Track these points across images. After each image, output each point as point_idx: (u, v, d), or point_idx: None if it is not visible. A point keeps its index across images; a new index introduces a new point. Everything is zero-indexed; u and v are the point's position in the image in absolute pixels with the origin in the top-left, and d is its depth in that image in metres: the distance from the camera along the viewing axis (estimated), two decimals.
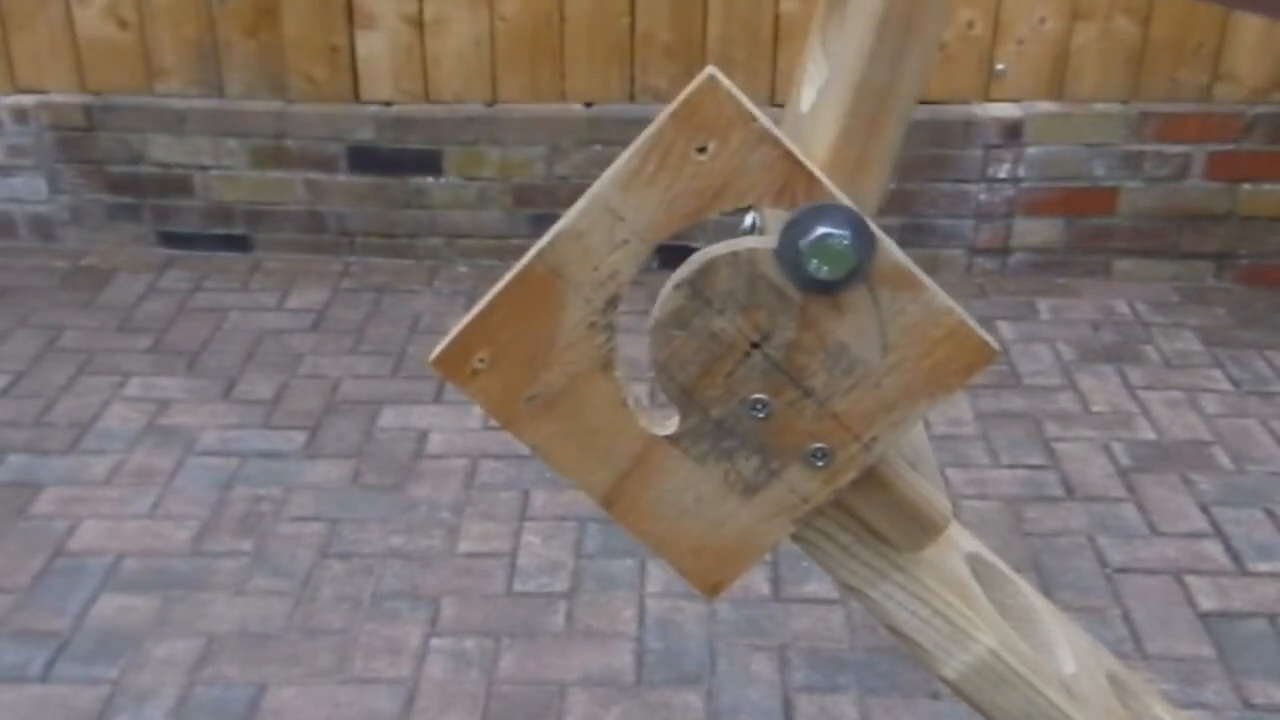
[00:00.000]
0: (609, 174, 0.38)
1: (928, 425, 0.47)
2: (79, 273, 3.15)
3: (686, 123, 0.37)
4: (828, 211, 0.39)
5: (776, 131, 0.37)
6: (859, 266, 0.38)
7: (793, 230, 0.39)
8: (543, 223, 3.02)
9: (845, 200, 0.38)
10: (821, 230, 0.38)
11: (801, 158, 0.37)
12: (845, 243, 0.38)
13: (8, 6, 3.07)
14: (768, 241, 0.38)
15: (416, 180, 3.13)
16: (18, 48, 3.11)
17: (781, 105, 3.09)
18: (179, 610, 2.07)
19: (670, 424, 0.40)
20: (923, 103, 3.04)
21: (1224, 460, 2.46)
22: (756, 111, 0.37)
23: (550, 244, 0.39)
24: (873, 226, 0.39)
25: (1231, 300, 3.06)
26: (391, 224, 3.19)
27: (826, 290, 0.38)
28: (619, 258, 0.39)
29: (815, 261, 0.38)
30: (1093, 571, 2.16)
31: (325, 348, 2.84)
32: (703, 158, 0.37)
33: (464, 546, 2.22)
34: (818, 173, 0.38)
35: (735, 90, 0.37)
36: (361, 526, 2.27)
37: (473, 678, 1.94)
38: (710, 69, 0.37)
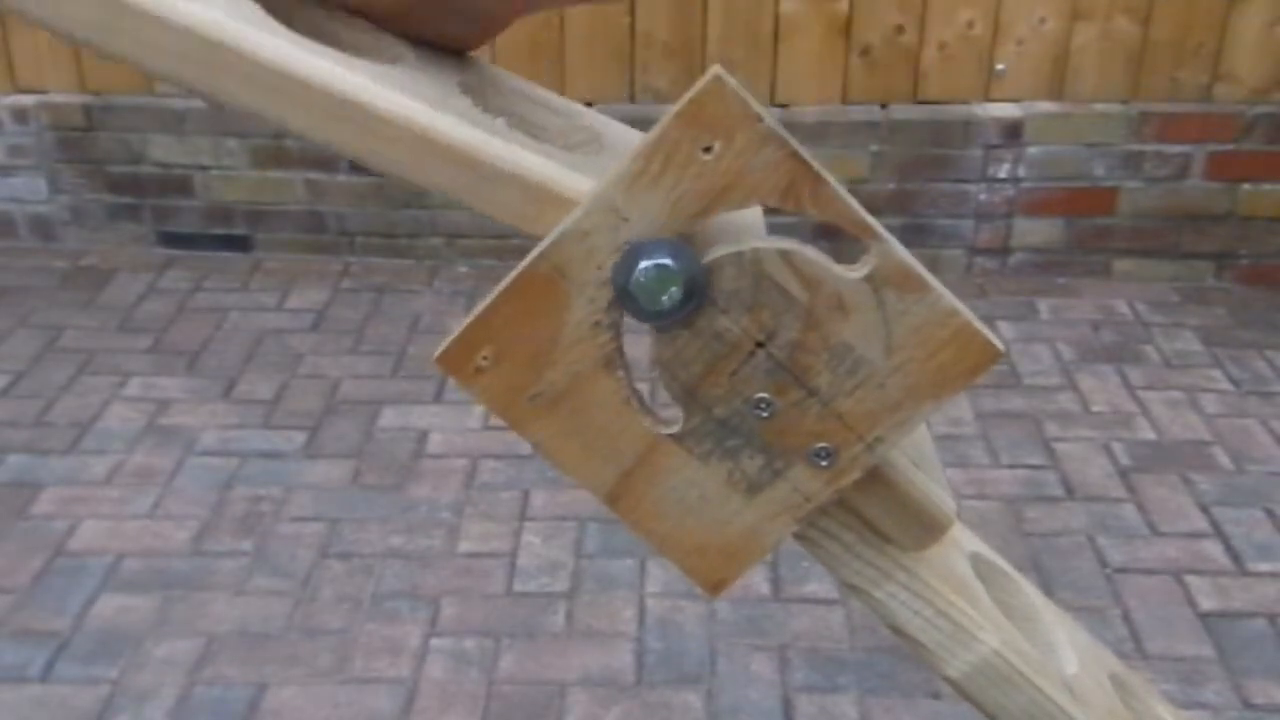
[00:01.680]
0: (613, 174, 0.38)
1: (929, 425, 0.47)
2: (79, 273, 3.15)
3: (692, 122, 0.37)
4: (624, 261, 0.39)
5: (783, 131, 0.37)
6: (687, 269, 0.38)
7: (625, 301, 0.39)
8: None
9: (844, 194, 0.38)
10: (632, 278, 0.38)
11: (807, 157, 0.37)
12: (654, 266, 0.38)
13: None
14: (774, 241, 0.38)
15: None
16: (18, 48, 3.11)
17: (784, 105, 3.09)
18: (179, 610, 2.07)
19: (674, 423, 0.40)
20: (922, 103, 3.05)
21: (1224, 460, 2.46)
22: (763, 111, 0.37)
23: (554, 244, 0.39)
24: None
25: (1231, 300, 3.06)
26: (391, 224, 3.19)
27: (701, 303, 0.38)
28: None
29: (664, 297, 0.38)
30: (1093, 571, 2.16)
31: (325, 348, 2.84)
32: (708, 157, 0.37)
33: (464, 546, 2.22)
34: (824, 173, 0.38)
35: (742, 90, 0.37)
36: (361, 526, 2.27)
37: (473, 678, 1.94)
38: (716, 68, 0.37)
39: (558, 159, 0.41)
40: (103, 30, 0.40)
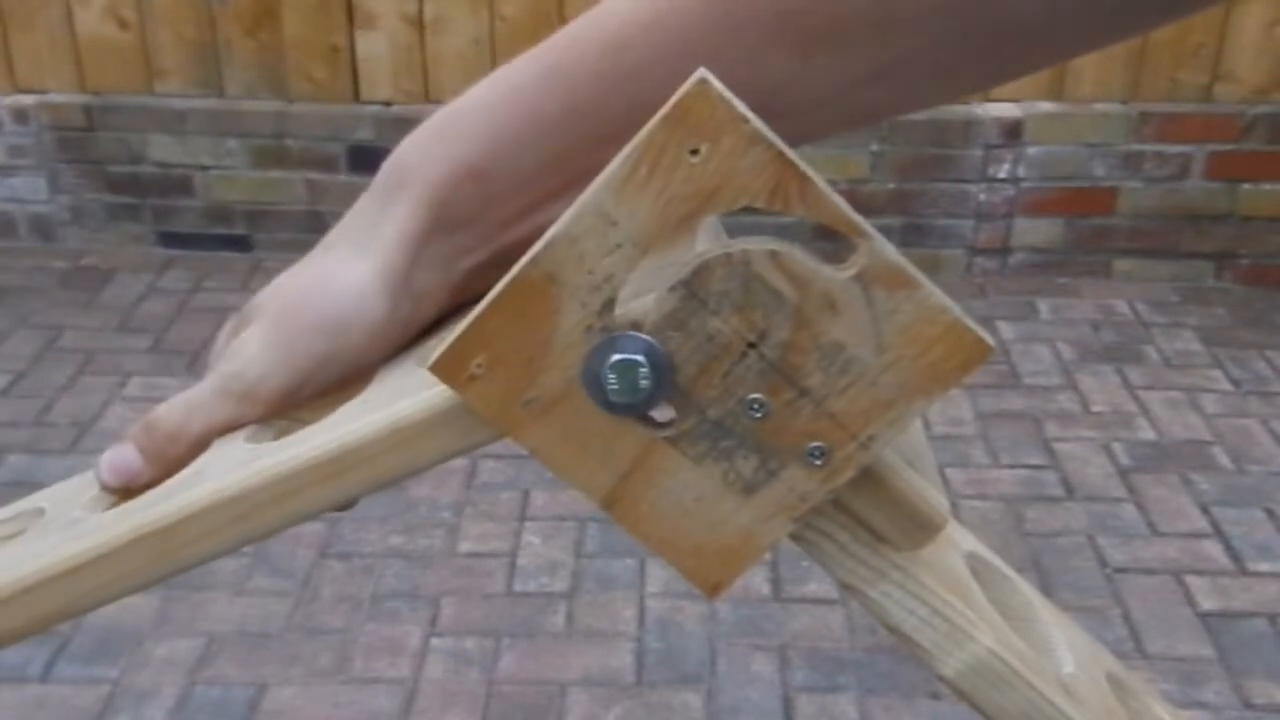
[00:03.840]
0: (602, 178, 0.38)
1: (927, 425, 0.47)
2: (79, 273, 3.15)
3: (678, 126, 0.37)
4: (588, 380, 0.39)
5: (769, 133, 0.37)
6: (642, 349, 0.39)
7: (620, 411, 0.40)
8: None
9: (831, 193, 0.38)
10: (608, 389, 0.39)
11: (794, 158, 0.37)
12: (614, 366, 0.39)
13: (8, 6, 3.07)
14: (763, 242, 0.38)
15: None
16: (18, 48, 3.12)
17: None
18: (179, 610, 2.07)
19: (668, 425, 0.40)
20: None
21: (1224, 460, 2.46)
22: (749, 113, 0.37)
23: (545, 249, 0.39)
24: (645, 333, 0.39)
25: (1231, 300, 3.06)
26: None
27: (674, 374, 0.39)
28: (613, 262, 0.39)
29: (642, 383, 0.39)
30: (1093, 571, 2.17)
31: None
32: (695, 160, 0.37)
33: (464, 546, 2.22)
34: (810, 173, 0.38)
35: (727, 92, 0.37)
36: (361, 526, 2.27)
37: (473, 678, 1.94)
38: (702, 71, 0.37)
39: None
40: (163, 561, 0.44)
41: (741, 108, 0.37)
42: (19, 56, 3.12)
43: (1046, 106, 3.03)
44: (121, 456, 0.50)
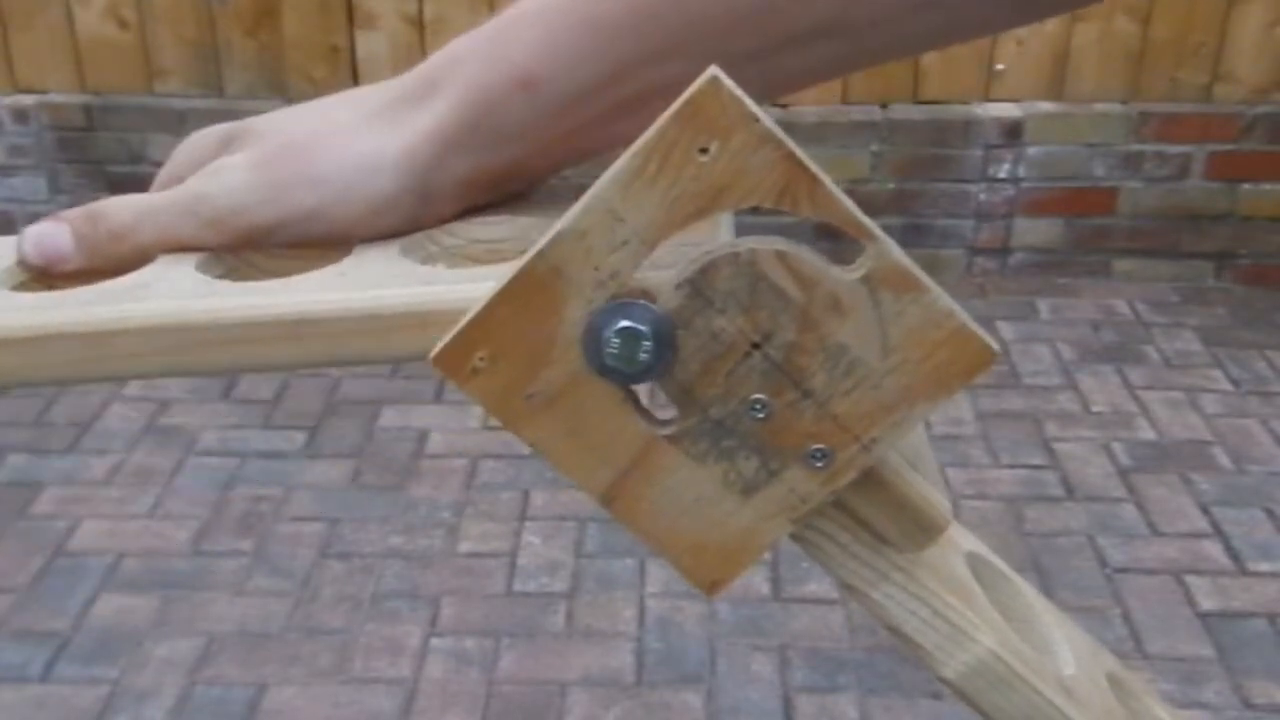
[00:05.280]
0: (610, 174, 0.38)
1: (928, 425, 0.47)
2: None
3: (689, 123, 0.37)
4: (588, 343, 0.39)
5: (780, 133, 0.37)
6: (648, 318, 0.38)
7: (612, 376, 0.39)
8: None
9: (840, 194, 0.38)
10: (605, 353, 0.39)
11: (804, 158, 0.37)
12: (617, 332, 0.39)
13: (8, 6, 3.07)
14: (770, 241, 0.38)
15: None
16: (18, 48, 3.11)
17: (783, 105, 3.09)
18: (179, 610, 2.07)
19: (670, 423, 0.40)
20: (922, 103, 3.05)
21: (1224, 460, 2.46)
22: (759, 112, 0.37)
23: (551, 243, 0.39)
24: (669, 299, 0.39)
25: (1231, 300, 3.06)
26: None
27: (674, 353, 0.39)
28: (619, 258, 0.38)
29: (641, 355, 0.39)
30: (1093, 571, 2.16)
31: None
32: (704, 158, 0.37)
33: (464, 546, 2.22)
34: (820, 174, 0.38)
35: (738, 90, 0.37)
36: (361, 526, 2.27)
37: (473, 678, 1.94)
38: (713, 68, 0.37)
39: (448, 280, 0.42)
40: (82, 364, 0.42)
41: (752, 106, 0.37)
42: (19, 56, 3.12)
43: (1046, 106, 3.03)
44: (53, 235, 0.46)
